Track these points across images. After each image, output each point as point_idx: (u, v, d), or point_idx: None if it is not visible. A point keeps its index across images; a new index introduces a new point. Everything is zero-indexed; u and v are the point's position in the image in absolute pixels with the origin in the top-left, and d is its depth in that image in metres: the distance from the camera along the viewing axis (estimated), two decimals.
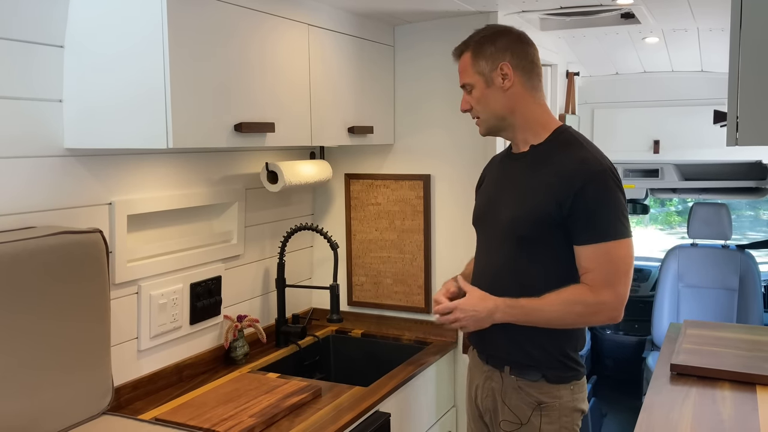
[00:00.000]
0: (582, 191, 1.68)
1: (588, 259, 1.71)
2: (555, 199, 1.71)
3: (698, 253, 4.29)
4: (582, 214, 1.69)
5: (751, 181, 4.08)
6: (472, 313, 1.78)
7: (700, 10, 2.53)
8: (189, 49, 1.72)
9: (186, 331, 2.22)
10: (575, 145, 1.80)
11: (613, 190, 1.71)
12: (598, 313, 1.73)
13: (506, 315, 1.76)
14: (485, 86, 1.81)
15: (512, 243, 1.80)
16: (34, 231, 1.67)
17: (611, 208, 1.70)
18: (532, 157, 1.83)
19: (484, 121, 1.86)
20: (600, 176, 1.70)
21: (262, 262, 2.60)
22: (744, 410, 1.78)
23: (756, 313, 4.10)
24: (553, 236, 1.74)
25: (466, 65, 1.83)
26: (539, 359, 1.79)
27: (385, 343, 2.72)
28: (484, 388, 1.90)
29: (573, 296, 1.72)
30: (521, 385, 1.80)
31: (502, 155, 2.00)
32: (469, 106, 1.86)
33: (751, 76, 1.38)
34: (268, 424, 1.86)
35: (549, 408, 1.78)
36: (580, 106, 3.88)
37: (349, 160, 2.81)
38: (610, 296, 1.70)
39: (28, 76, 1.71)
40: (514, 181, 1.86)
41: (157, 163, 2.10)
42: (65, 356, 1.70)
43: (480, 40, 1.83)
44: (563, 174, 1.72)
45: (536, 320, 1.75)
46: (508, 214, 1.81)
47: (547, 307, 1.73)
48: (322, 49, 2.25)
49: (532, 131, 1.83)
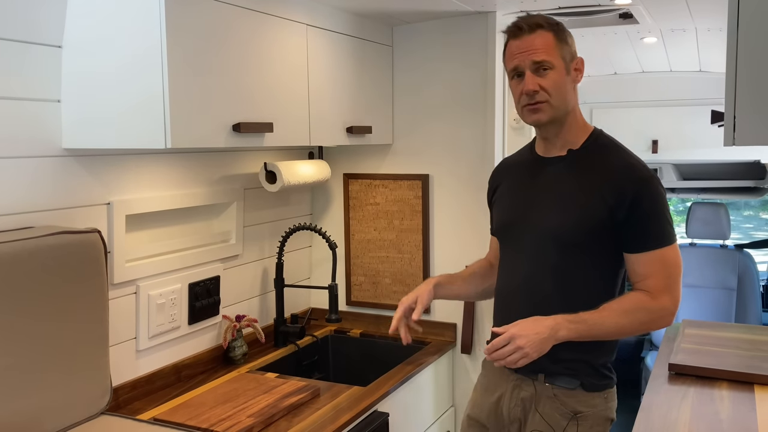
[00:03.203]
0: (636, 198, 1.65)
1: (645, 265, 1.68)
2: (606, 206, 1.67)
3: (697, 252, 4.29)
4: (638, 221, 1.66)
5: (749, 180, 4.08)
6: (534, 336, 1.61)
7: (698, 10, 2.53)
8: (187, 49, 1.72)
9: (184, 331, 2.22)
10: (617, 149, 1.77)
11: (663, 195, 1.69)
12: (661, 319, 1.70)
13: (570, 332, 1.64)
14: (565, 73, 1.72)
15: (558, 250, 1.71)
16: (33, 231, 1.67)
17: (664, 214, 1.68)
18: (574, 161, 1.76)
19: (553, 108, 1.70)
20: (652, 182, 1.68)
21: (260, 262, 2.60)
22: (742, 410, 1.78)
23: (754, 313, 4.11)
24: (601, 243, 1.70)
25: (549, 44, 1.68)
26: (576, 367, 1.72)
27: (383, 342, 2.72)
28: (512, 396, 1.79)
29: (635, 305, 1.68)
30: (557, 393, 1.73)
31: (524, 159, 1.90)
32: (537, 87, 1.68)
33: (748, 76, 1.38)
34: (267, 424, 1.86)
35: (584, 418, 1.72)
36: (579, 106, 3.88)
37: (348, 160, 2.81)
38: (669, 301, 1.68)
39: (26, 76, 1.70)
40: (556, 186, 1.77)
41: (156, 163, 2.10)
42: (64, 356, 1.70)
43: (558, 26, 1.72)
44: (613, 180, 1.68)
45: (599, 333, 1.68)
46: (554, 221, 1.72)
47: (609, 319, 1.66)
48: (320, 49, 2.25)
49: (574, 133, 1.78)
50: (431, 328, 2.68)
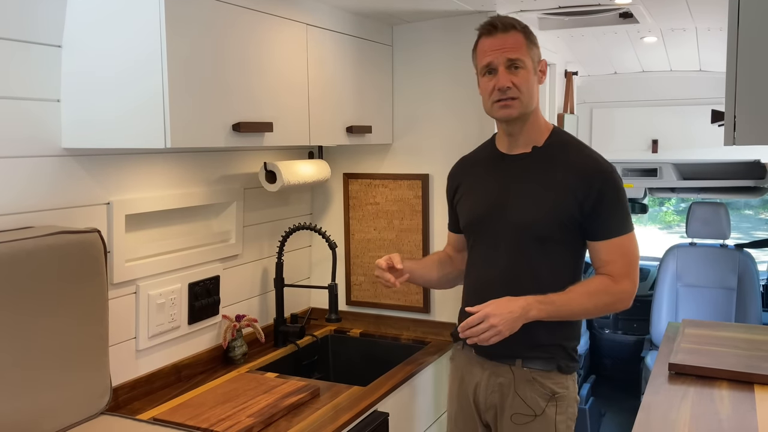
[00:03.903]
0: (602, 190, 1.78)
1: (608, 252, 1.81)
2: (576, 199, 1.79)
3: (697, 252, 4.29)
4: (602, 212, 1.79)
5: (749, 180, 4.08)
6: (507, 315, 1.72)
7: (698, 9, 2.53)
8: (187, 48, 1.71)
9: (184, 330, 2.22)
10: (578, 146, 1.91)
11: (623, 187, 1.83)
12: (621, 301, 1.83)
13: (540, 312, 1.76)
14: (533, 73, 1.83)
15: (534, 243, 1.82)
16: (32, 231, 1.67)
17: (624, 204, 1.83)
18: (538, 157, 1.87)
19: (523, 104, 1.81)
20: (613, 176, 1.82)
21: (260, 262, 2.60)
22: (742, 409, 1.79)
23: (754, 313, 4.11)
24: (570, 235, 1.82)
25: (520, 43, 1.79)
26: (553, 351, 1.84)
27: (383, 342, 2.72)
28: (488, 384, 1.89)
29: (598, 288, 1.82)
30: (535, 377, 1.83)
31: (486, 156, 1.99)
32: (510, 83, 1.79)
33: (748, 76, 1.38)
34: (267, 424, 1.86)
35: (561, 398, 1.83)
36: (579, 105, 3.88)
37: (348, 160, 2.81)
38: (629, 285, 1.82)
39: (26, 75, 1.70)
40: (526, 182, 1.86)
41: (155, 162, 2.10)
42: (63, 356, 1.70)
43: (527, 28, 1.83)
44: (580, 175, 1.80)
45: (565, 314, 1.80)
46: (530, 215, 1.82)
47: (575, 300, 1.80)
48: (320, 49, 2.25)
49: (537, 131, 1.89)
50: (431, 328, 2.68)
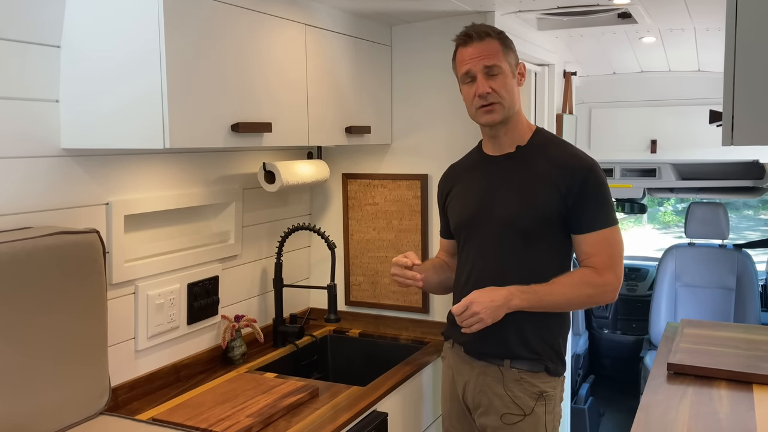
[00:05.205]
0: (585, 184, 1.82)
1: (591, 244, 1.84)
2: (560, 194, 1.82)
3: (695, 252, 4.30)
4: (586, 205, 1.82)
5: (747, 180, 4.09)
6: (489, 303, 1.77)
7: (696, 10, 2.53)
8: (186, 49, 1.72)
9: (183, 331, 2.22)
10: (560, 142, 1.99)
11: (606, 181, 1.87)
12: (604, 293, 1.85)
13: (523, 301, 1.79)
14: (512, 76, 1.88)
15: (516, 239, 1.86)
16: (31, 231, 1.67)
17: (607, 198, 1.86)
18: (522, 156, 1.92)
19: (505, 108, 1.86)
20: (596, 169, 1.85)
21: (259, 262, 2.60)
22: (741, 409, 1.79)
23: (753, 313, 4.11)
24: (556, 229, 1.86)
25: (496, 49, 1.85)
26: (541, 352, 1.86)
27: (382, 342, 2.72)
28: (476, 383, 1.92)
29: (582, 279, 1.84)
30: (523, 377, 1.86)
31: (474, 160, 2.04)
32: (489, 89, 1.83)
33: (746, 76, 1.38)
34: (266, 424, 1.86)
35: (549, 397, 1.87)
36: (578, 105, 3.88)
37: (347, 160, 2.81)
38: (613, 277, 1.84)
39: (25, 76, 1.70)
40: (511, 180, 1.91)
41: (154, 163, 2.10)
42: (62, 356, 1.70)
43: (502, 34, 1.89)
44: (562, 169, 1.84)
45: (548, 304, 1.82)
46: (512, 211, 1.87)
47: (558, 291, 1.82)
48: (319, 49, 2.25)
49: (520, 132, 1.94)
50: (431, 328, 2.68)
